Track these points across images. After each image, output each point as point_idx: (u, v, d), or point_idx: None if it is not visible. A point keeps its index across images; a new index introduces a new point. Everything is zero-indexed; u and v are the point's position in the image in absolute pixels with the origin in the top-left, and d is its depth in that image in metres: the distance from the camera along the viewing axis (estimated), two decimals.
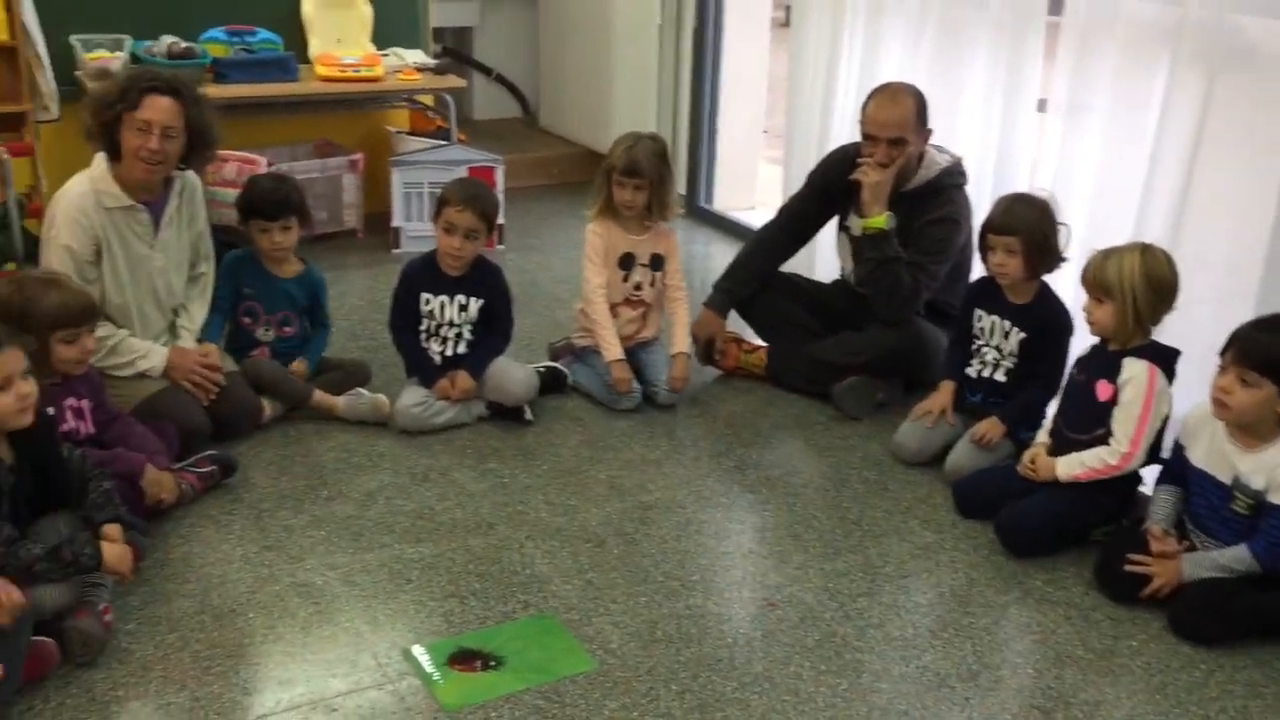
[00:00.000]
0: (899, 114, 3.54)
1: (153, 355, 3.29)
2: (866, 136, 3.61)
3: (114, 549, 2.54)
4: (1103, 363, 3.01)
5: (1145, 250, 2.92)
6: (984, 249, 3.32)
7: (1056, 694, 2.50)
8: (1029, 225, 3.20)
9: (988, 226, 3.29)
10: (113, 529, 2.59)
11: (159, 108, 3.15)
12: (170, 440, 3.11)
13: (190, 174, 3.42)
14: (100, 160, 3.23)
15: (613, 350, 3.72)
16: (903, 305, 3.61)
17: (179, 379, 3.30)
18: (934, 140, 3.70)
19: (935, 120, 3.68)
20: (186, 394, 3.30)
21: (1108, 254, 2.95)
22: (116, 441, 2.93)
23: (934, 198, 3.63)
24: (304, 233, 3.69)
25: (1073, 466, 2.98)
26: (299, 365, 3.64)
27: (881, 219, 3.57)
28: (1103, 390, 2.98)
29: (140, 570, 2.73)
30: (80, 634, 2.43)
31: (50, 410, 2.67)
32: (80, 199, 3.18)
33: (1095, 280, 2.95)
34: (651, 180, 3.68)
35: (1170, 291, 2.92)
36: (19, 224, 3.86)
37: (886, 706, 2.43)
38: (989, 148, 4.05)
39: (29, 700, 2.33)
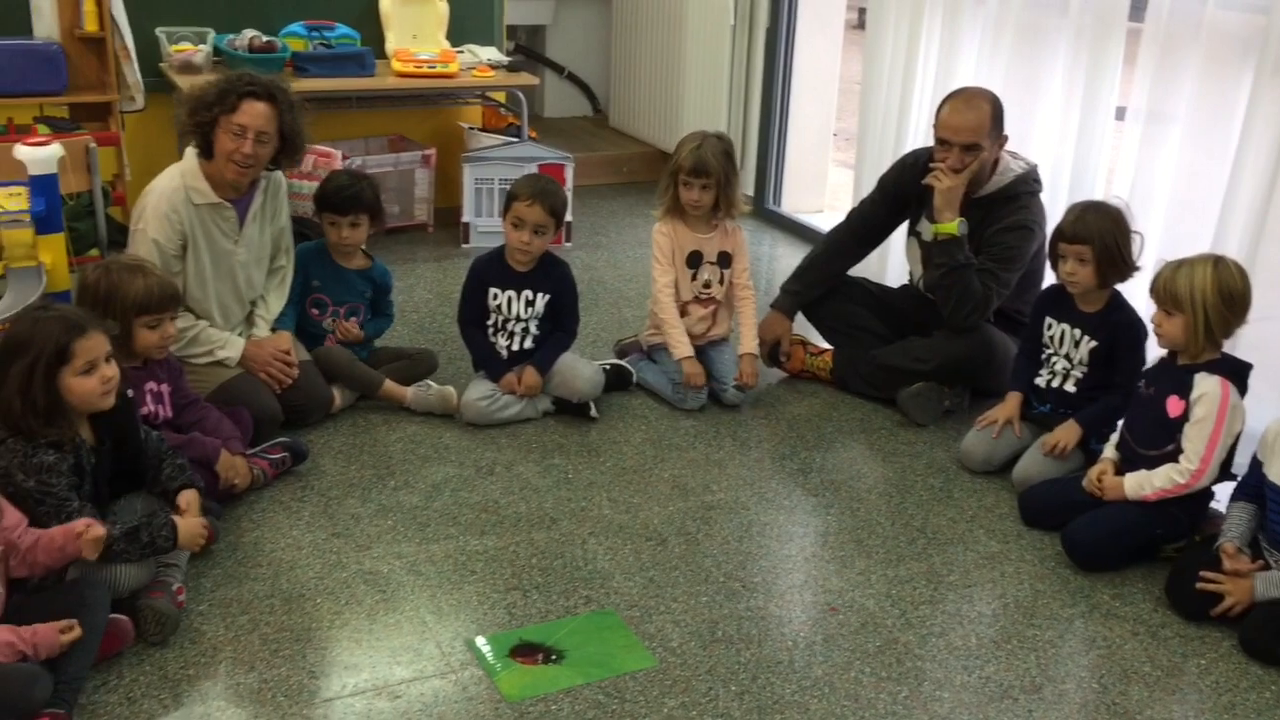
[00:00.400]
0: (974, 119, 3.51)
1: (230, 346, 3.36)
2: (940, 141, 3.58)
3: (188, 525, 2.60)
4: (1172, 377, 2.96)
5: (1217, 262, 2.87)
6: (1054, 257, 3.28)
7: (1122, 710, 2.46)
8: (1101, 234, 3.16)
9: (1058, 234, 3.25)
10: (189, 494, 2.67)
11: (255, 113, 3.21)
12: (244, 426, 3.18)
13: (276, 172, 3.49)
14: (191, 155, 3.30)
15: (682, 348, 3.74)
16: (972, 312, 3.58)
17: (256, 370, 3.37)
18: (1009, 146, 3.66)
19: (1011, 126, 3.65)
20: (260, 381, 3.36)
21: (1178, 265, 2.90)
22: (193, 426, 3.00)
23: (1007, 204, 3.59)
24: (374, 230, 3.73)
25: (1141, 487, 2.93)
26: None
27: (953, 224, 3.54)
28: (1173, 406, 2.93)
29: (212, 553, 2.79)
30: (154, 613, 2.49)
31: (130, 393, 2.73)
32: (171, 194, 3.26)
33: (1165, 292, 2.90)
34: (718, 179, 3.69)
35: (1243, 305, 2.87)
36: (104, 211, 3.95)
37: (947, 716, 2.41)
38: (1065, 155, 4.00)
39: (103, 676, 2.39)
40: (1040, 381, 3.41)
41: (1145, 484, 2.92)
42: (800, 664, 2.56)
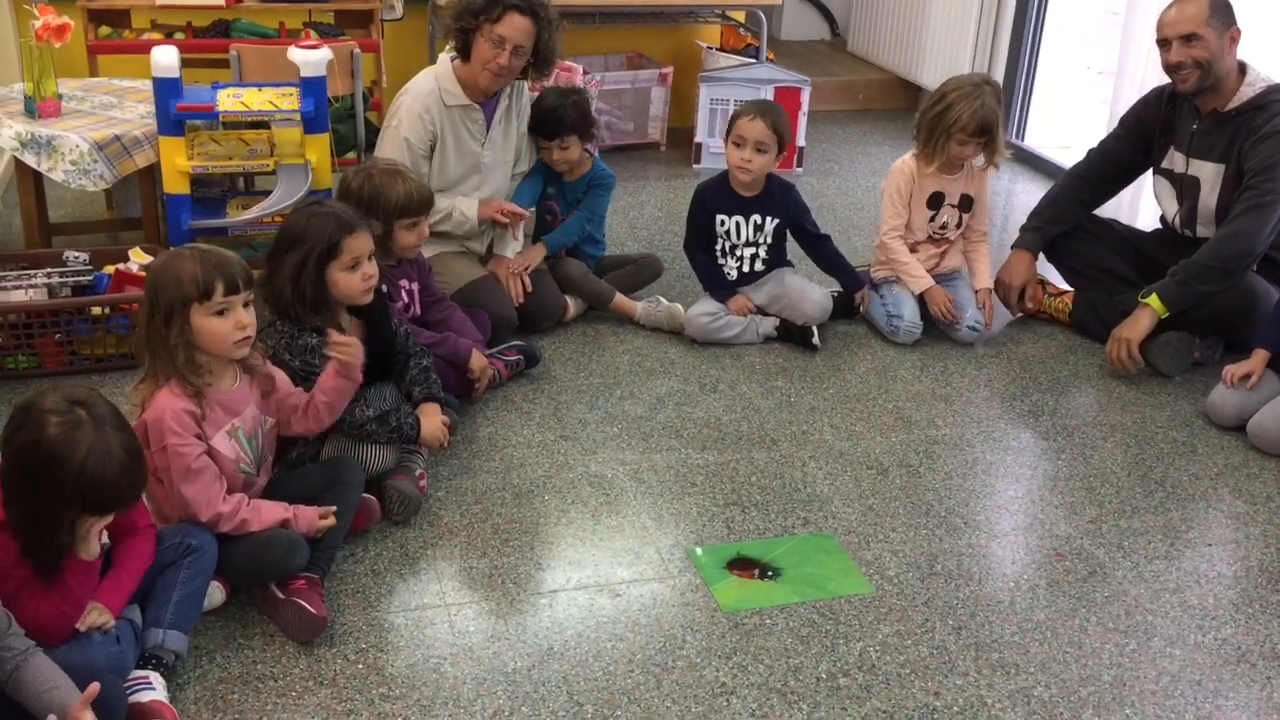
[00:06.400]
0: (1191, 9, 3.33)
1: (465, 207, 3.46)
2: (1160, 43, 3.42)
3: (431, 424, 2.75)
4: None
5: None
6: None
7: None
8: None
9: None
10: (430, 406, 2.81)
11: (517, 26, 3.29)
12: (483, 328, 3.31)
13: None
14: (445, 59, 3.43)
15: (920, 280, 3.67)
16: (1242, 254, 3.34)
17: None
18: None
19: None
20: (499, 286, 3.49)
21: None
22: (440, 324, 3.15)
23: (1260, 113, 3.37)
24: (587, 145, 3.71)
25: None
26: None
27: (1158, 303, 3.41)
28: None
29: (451, 445, 2.93)
30: (399, 494, 2.66)
31: (385, 288, 2.88)
32: (425, 95, 3.39)
33: None
34: (994, 133, 3.57)
35: None
36: (363, 115, 4.15)
37: (1178, 674, 2.33)
38: None
39: (351, 548, 2.57)
40: None
41: None
42: (1022, 606, 2.50)
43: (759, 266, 3.67)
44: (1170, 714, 2.22)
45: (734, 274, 3.67)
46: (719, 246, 3.66)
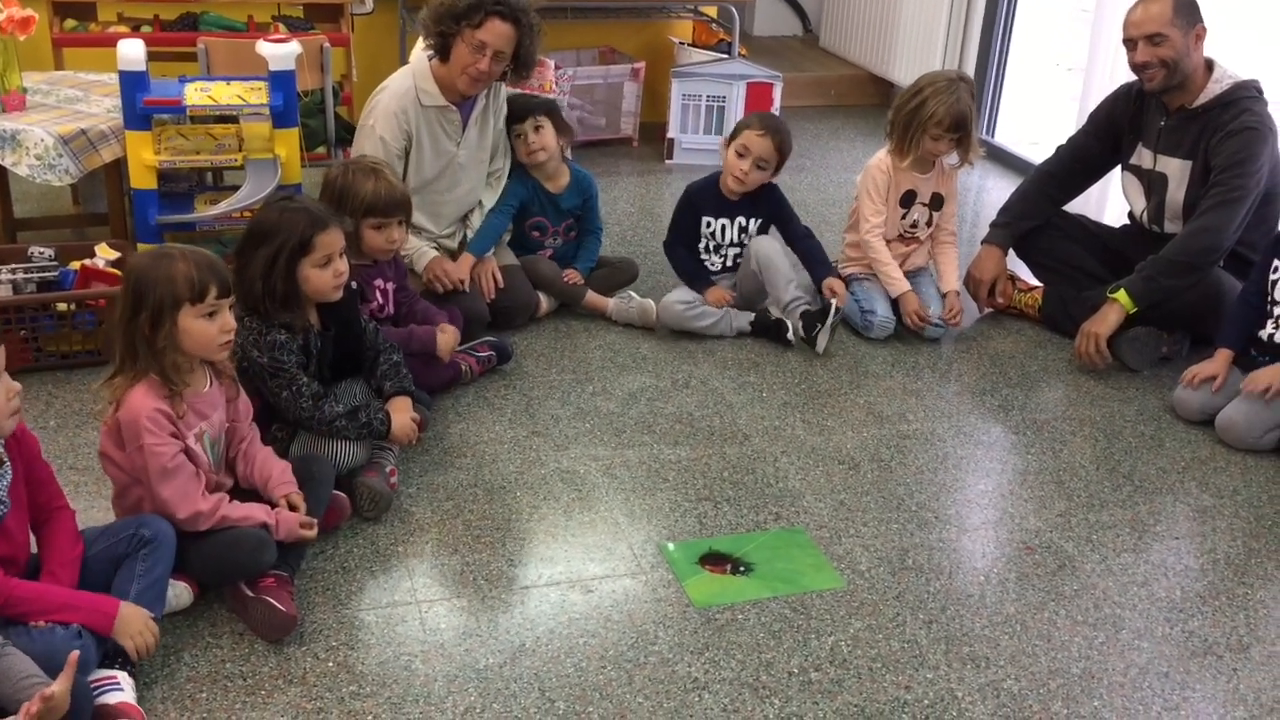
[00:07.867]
0: (1156, 9, 3.35)
1: (419, 256, 3.43)
2: (1125, 43, 3.45)
3: (401, 420, 2.73)
4: None
5: None
6: None
7: None
8: None
9: None
10: (401, 401, 2.79)
11: (498, 32, 3.26)
12: (456, 323, 3.29)
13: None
14: (422, 58, 3.40)
15: (898, 284, 3.68)
16: (1209, 249, 3.37)
17: (428, 279, 3.42)
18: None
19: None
20: (473, 284, 3.47)
21: None
22: (407, 319, 3.12)
23: (1227, 110, 3.40)
24: (563, 139, 3.69)
25: None
26: (573, 275, 3.70)
27: (1126, 299, 3.43)
28: None
29: (422, 441, 2.92)
30: (370, 491, 2.64)
31: (354, 285, 2.86)
32: (402, 95, 3.36)
33: None
34: (968, 129, 3.58)
35: None
36: (333, 110, 4.11)
37: (1145, 666, 2.35)
38: None
39: (322, 546, 2.55)
40: (1263, 334, 3.21)
41: None
42: (992, 599, 2.52)
43: (737, 259, 3.72)
44: (1138, 705, 2.24)
45: (717, 267, 3.73)
46: (703, 245, 3.68)
